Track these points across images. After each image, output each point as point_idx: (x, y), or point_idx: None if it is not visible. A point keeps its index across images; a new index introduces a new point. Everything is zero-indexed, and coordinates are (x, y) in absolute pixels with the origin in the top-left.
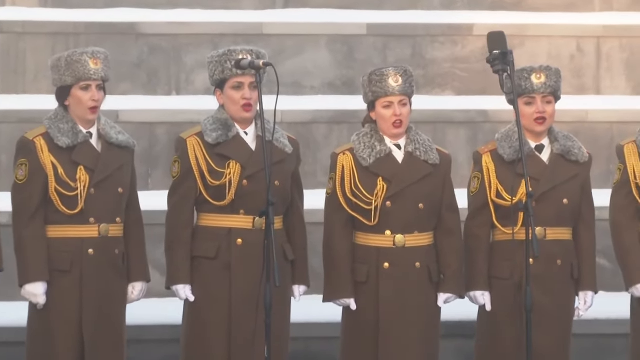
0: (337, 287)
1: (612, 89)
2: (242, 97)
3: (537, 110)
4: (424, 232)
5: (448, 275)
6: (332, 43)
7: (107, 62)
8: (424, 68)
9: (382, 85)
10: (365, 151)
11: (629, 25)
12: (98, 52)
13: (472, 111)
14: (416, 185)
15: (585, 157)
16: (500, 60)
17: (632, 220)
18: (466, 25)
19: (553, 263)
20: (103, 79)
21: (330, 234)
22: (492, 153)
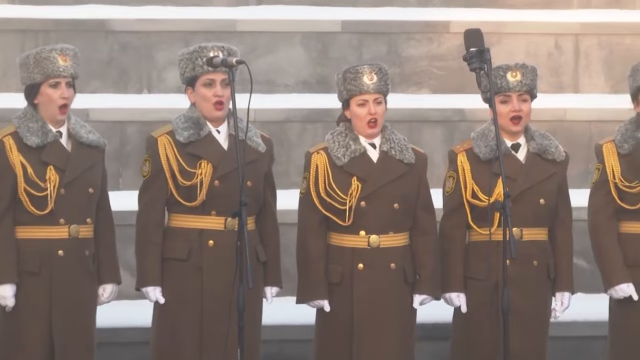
0: (311, 289)
1: (590, 87)
2: (213, 94)
3: (512, 108)
4: (399, 232)
5: (423, 276)
6: (306, 40)
7: (77, 58)
8: (399, 66)
9: (357, 83)
10: (339, 150)
11: (607, 22)
12: (67, 49)
13: (449, 110)
14: (391, 185)
15: (562, 156)
16: (477, 58)
17: (611, 221)
18: (442, 23)
19: (529, 264)
20: (72, 75)
21: (303, 235)
22: (468, 152)
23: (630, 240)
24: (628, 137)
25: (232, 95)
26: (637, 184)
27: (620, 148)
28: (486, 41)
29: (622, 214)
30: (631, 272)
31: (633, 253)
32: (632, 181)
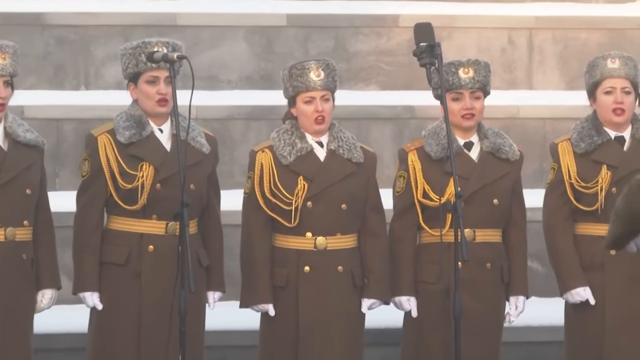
0: (255, 292)
1: (545, 84)
2: (157, 92)
3: (464, 106)
4: (347, 234)
5: (372, 279)
6: (250, 35)
7: (16, 56)
8: (347, 61)
9: (303, 79)
10: (285, 149)
11: (562, 16)
12: (6, 46)
13: (398, 107)
14: (339, 184)
15: (516, 155)
16: (427, 53)
17: (566, 222)
18: (391, 16)
19: (482, 267)
20: (11, 74)
21: (247, 236)
22: (419, 151)
23: (587, 243)
24: (584, 135)
25: (173, 93)
26: (594, 185)
27: (577, 147)
28: (437, 36)
29: (578, 215)
30: (587, 276)
31: (589, 255)
32: (588, 181)
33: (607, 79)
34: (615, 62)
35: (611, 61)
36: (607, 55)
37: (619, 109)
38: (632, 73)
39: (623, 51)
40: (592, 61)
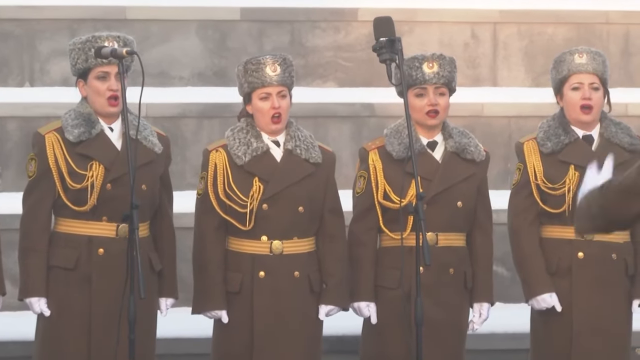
0: (208, 298)
1: (510, 80)
2: (107, 88)
3: (429, 102)
4: (304, 237)
5: (330, 285)
6: (203, 29)
7: None
8: (304, 57)
9: (259, 75)
10: (240, 148)
11: (528, 10)
12: None
13: (357, 104)
14: (296, 186)
15: (482, 155)
16: (387, 48)
17: (532, 225)
18: (350, 10)
19: (445, 272)
20: None
21: (200, 239)
22: (380, 150)
23: (553, 246)
24: (551, 134)
25: (122, 89)
26: (561, 186)
27: (543, 146)
28: (397, 30)
29: (544, 217)
30: (554, 281)
31: (556, 260)
32: (555, 182)
33: (574, 74)
34: (582, 57)
35: (579, 56)
36: (574, 50)
37: (587, 106)
38: (601, 69)
39: (591, 46)
40: (559, 56)
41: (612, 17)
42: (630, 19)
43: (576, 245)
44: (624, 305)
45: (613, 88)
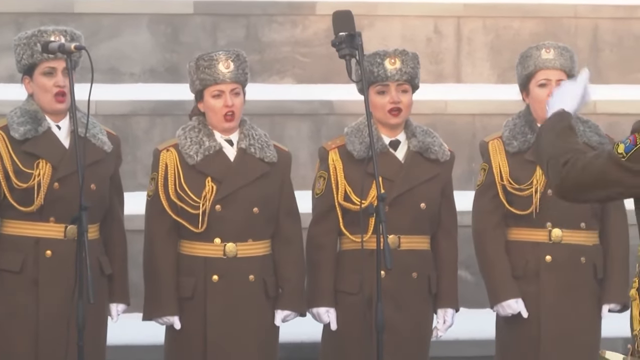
0: (159, 304)
1: (474, 77)
2: (54, 84)
3: (391, 100)
4: (259, 240)
5: (287, 289)
6: (154, 23)
7: None
8: (260, 52)
9: (211, 71)
10: (191, 147)
11: (493, 3)
12: None
13: (315, 102)
14: (250, 186)
15: (446, 155)
16: (347, 43)
17: (498, 228)
18: (308, 4)
19: (408, 276)
20: None
21: (151, 243)
22: (340, 149)
23: (520, 249)
24: (517, 133)
25: (70, 86)
26: (528, 186)
27: (509, 145)
28: (357, 24)
29: (510, 219)
30: (520, 285)
31: (523, 264)
32: (522, 183)
33: (541, 70)
34: (550, 53)
35: (545, 51)
36: (541, 46)
37: None
38: (568, 64)
39: (559, 41)
40: (525, 52)
41: (580, 11)
42: (599, 13)
43: (544, 248)
44: (593, 310)
45: None
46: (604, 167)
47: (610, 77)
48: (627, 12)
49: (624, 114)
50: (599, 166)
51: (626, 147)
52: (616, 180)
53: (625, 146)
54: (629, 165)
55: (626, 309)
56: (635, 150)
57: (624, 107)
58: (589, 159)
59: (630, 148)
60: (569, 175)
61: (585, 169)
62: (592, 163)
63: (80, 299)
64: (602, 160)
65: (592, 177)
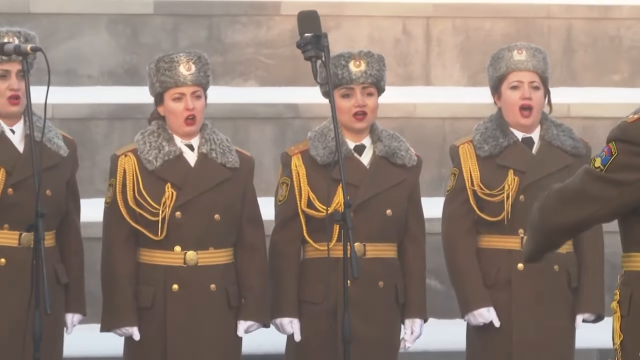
0: (117, 314)
1: (444, 79)
2: (8, 87)
3: (356, 103)
4: (220, 248)
5: (249, 299)
6: (113, 24)
7: None
8: (222, 54)
9: (172, 74)
10: (151, 152)
11: (463, 3)
12: None
13: (280, 105)
14: (211, 192)
15: (413, 160)
16: (312, 44)
17: (468, 235)
18: (272, 3)
19: (374, 285)
20: None
21: (109, 251)
22: (304, 154)
23: (491, 257)
24: (488, 136)
25: (26, 89)
26: (499, 192)
27: (480, 150)
28: (323, 25)
29: (481, 226)
30: (492, 294)
31: (494, 271)
32: (493, 188)
33: (512, 72)
34: (522, 54)
35: (517, 53)
36: (513, 47)
37: (527, 107)
38: (541, 66)
39: (531, 42)
40: (496, 53)
41: (553, 11)
42: (573, 13)
43: (516, 256)
44: (567, 320)
45: (555, 87)
46: (582, 184)
47: (585, 80)
48: (601, 12)
49: (599, 118)
50: (576, 183)
51: (602, 159)
52: (596, 196)
53: (602, 159)
54: (609, 176)
55: (601, 319)
56: (613, 160)
57: (599, 110)
58: (565, 183)
59: (607, 159)
60: (548, 202)
61: (563, 189)
62: (570, 183)
63: (36, 309)
64: (579, 177)
65: (570, 195)
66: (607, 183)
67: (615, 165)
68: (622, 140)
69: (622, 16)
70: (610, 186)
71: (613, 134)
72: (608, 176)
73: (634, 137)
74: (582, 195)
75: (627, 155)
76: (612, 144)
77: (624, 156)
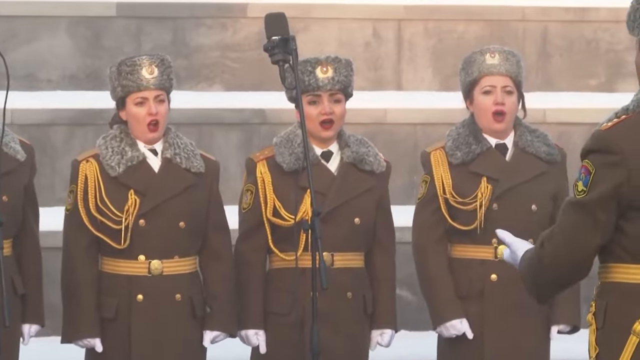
0: (79, 325)
1: (415, 83)
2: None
3: (323, 110)
4: (186, 256)
5: (215, 308)
6: (74, 26)
7: None
8: (187, 57)
9: (134, 77)
10: (113, 158)
11: (435, 5)
12: None
13: (246, 110)
14: (176, 199)
15: (382, 166)
16: (280, 48)
17: (440, 244)
18: (238, 5)
19: (342, 296)
20: None
21: (69, 260)
22: (269, 161)
23: (464, 267)
24: (461, 143)
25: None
26: (472, 200)
27: (452, 157)
28: (291, 28)
29: (454, 235)
30: (464, 305)
31: (466, 282)
32: (466, 196)
33: (485, 76)
34: (495, 58)
35: (490, 56)
36: (485, 50)
37: (500, 112)
38: (515, 70)
39: (506, 45)
40: (469, 56)
41: (528, 13)
42: (549, 16)
43: (489, 266)
44: (541, 331)
45: (530, 92)
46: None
47: (561, 84)
48: (577, 14)
49: (575, 123)
50: (566, 222)
51: (583, 181)
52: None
53: (583, 181)
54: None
55: (576, 330)
56: (592, 179)
57: (575, 115)
58: (555, 226)
59: (587, 180)
60: (547, 251)
61: (558, 232)
62: (561, 223)
63: None
64: (567, 213)
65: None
66: (596, 208)
67: (596, 182)
68: (597, 150)
69: (599, 19)
70: (599, 210)
71: (587, 146)
72: (592, 201)
73: (609, 146)
74: (579, 230)
75: (604, 168)
76: (587, 161)
77: (602, 170)
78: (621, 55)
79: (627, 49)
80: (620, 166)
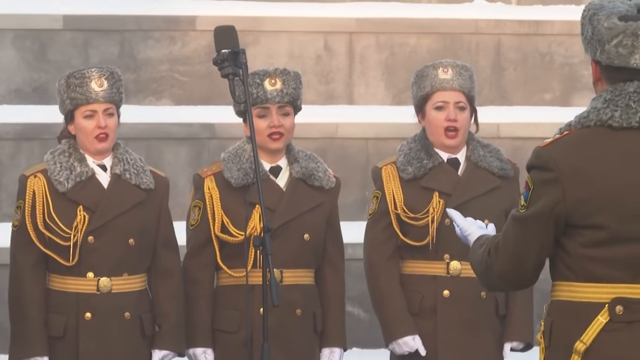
0: (26, 344)
1: (367, 98)
2: None
3: (271, 123)
4: (135, 274)
5: (164, 327)
6: (20, 39)
7: None
8: (134, 71)
9: (83, 90)
10: (61, 173)
11: (387, 18)
12: None
13: (195, 124)
14: (125, 215)
15: (331, 181)
16: (230, 61)
17: (392, 260)
18: (187, 18)
19: (291, 313)
20: None
21: (16, 277)
22: (217, 177)
23: (416, 283)
24: (412, 158)
25: None
26: (424, 215)
27: (403, 172)
28: (241, 41)
29: (405, 251)
30: (417, 322)
31: (419, 298)
32: (417, 212)
33: (437, 92)
34: (447, 72)
35: (443, 71)
36: (438, 64)
37: (452, 128)
38: (468, 85)
39: (458, 59)
40: (421, 70)
41: (481, 26)
42: (502, 29)
43: (441, 282)
44: (494, 348)
45: (483, 106)
46: (515, 231)
47: (514, 98)
48: (531, 27)
49: (530, 138)
50: (510, 232)
51: (524, 196)
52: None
53: (524, 196)
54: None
55: (530, 347)
56: (531, 195)
57: (530, 130)
58: (500, 236)
59: (527, 195)
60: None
61: (503, 244)
62: (504, 233)
63: None
64: (511, 226)
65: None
66: (534, 224)
67: (535, 199)
68: (537, 167)
69: (553, 32)
70: (537, 226)
71: (529, 162)
72: (531, 217)
73: (546, 162)
74: (519, 245)
75: (542, 184)
76: (529, 176)
77: (540, 187)
78: (576, 69)
79: (581, 62)
80: (557, 183)
